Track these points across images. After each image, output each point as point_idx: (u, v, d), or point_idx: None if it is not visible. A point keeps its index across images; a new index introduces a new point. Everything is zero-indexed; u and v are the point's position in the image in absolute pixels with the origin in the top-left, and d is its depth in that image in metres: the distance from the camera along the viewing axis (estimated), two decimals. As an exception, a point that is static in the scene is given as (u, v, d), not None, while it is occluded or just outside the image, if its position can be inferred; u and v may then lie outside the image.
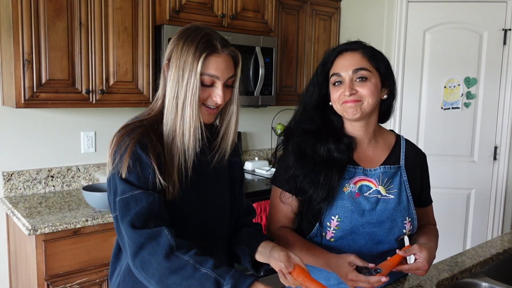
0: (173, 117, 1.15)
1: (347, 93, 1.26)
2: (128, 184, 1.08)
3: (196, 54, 1.13)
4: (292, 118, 1.41)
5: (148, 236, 1.03)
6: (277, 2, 2.87)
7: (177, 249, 1.02)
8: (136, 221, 1.04)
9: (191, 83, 1.12)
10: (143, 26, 2.35)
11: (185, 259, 1.00)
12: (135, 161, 1.09)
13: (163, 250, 1.01)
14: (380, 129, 1.43)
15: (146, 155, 1.09)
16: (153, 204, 1.07)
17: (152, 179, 1.09)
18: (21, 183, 2.40)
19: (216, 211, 1.28)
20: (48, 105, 2.14)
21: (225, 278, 0.98)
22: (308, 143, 1.32)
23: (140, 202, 1.06)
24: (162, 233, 1.03)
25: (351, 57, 1.29)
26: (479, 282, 1.49)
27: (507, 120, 3.58)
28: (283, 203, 1.38)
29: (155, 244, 1.02)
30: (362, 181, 1.34)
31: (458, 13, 3.55)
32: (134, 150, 1.09)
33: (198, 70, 1.12)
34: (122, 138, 1.12)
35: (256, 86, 2.76)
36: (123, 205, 1.07)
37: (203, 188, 1.23)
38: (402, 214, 1.34)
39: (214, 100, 1.17)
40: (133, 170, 1.09)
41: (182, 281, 0.99)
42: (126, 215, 1.06)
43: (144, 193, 1.07)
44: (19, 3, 1.99)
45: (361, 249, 1.33)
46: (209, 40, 1.15)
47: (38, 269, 1.93)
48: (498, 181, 3.65)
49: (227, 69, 1.17)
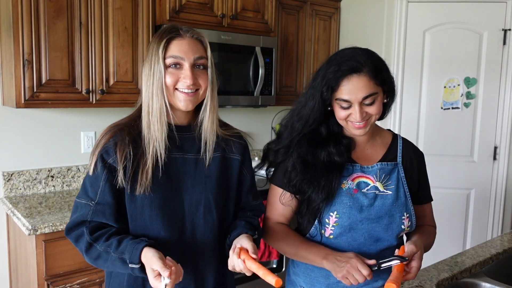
0: (146, 107, 1.21)
1: (358, 118, 1.25)
2: (83, 188, 1.25)
3: (158, 42, 1.19)
4: (285, 124, 1.39)
5: (75, 237, 1.23)
6: (277, 2, 2.87)
7: (94, 242, 1.19)
8: (71, 226, 1.24)
9: (155, 69, 1.19)
10: (143, 26, 2.35)
11: (97, 250, 1.18)
12: (94, 166, 1.22)
13: (83, 247, 1.20)
14: (377, 128, 1.45)
15: (103, 164, 1.21)
16: (86, 215, 1.21)
17: (103, 188, 1.21)
18: (21, 183, 2.40)
19: (195, 213, 1.26)
20: (48, 105, 2.14)
21: (125, 254, 1.13)
22: (309, 150, 1.32)
23: (80, 210, 1.23)
24: (83, 233, 1.21)
25: (358, 81, 1.23)
26: (479, 282, 1.49)
27: (507, 120, 3.58)
28: (283, 205, 1.39)
29: (80, 242, 1.21)
30: (360, 178, 1.35)
31: (458, 13, 3.55)
32: (97, 156, 1.22)
33: (161, 54, 1.18)
34: (97, 144, 1.25)
35: (256, 86, 2.76)
36: (73, 207, 1.26)
37: (178, 184, 1.25)
38: (400, 209, 1.35)
39: (184, 81, 1.20)
40: (92, 175, 1.23)
41: (103, 264, 1.19)
42: (71, 217, 1.26)
43: (86, 205, 1.22)
44: (19, 3, 1.99)
45: (360, 247, 1.34)
46: (171, 28, 1.22)
47: (38, 269, 1.93)
48: (498, 181, 3.65)
49: (192, 50, 1.20)
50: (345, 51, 1.29)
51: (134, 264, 1.11)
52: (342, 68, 1.24)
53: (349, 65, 1.24)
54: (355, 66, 1.23)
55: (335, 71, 1.25)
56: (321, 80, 1.28)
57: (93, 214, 1.21)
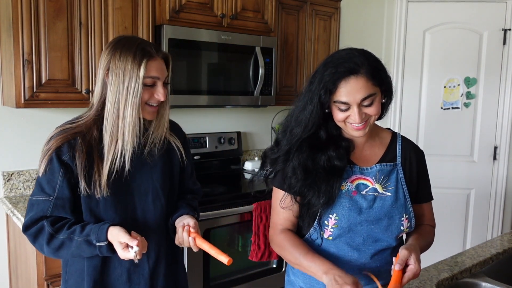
0: (114, 119, 1.30)
1: (358, 120, 1.25)
2: (38, 187, 1.31)
3: (135, 61, 1.28)
4: (284, 129, 1.38)
5: (34, 234, 1.29)
6: (277, 2, 2.87)
7: (56, 233, 1.27)
8: (29, 223, 1.30)
9: (132, 87, 1.28)
10: (143, 26, 2.35)
11: (60, 238, 1.27)
12: (48, 165, 1.30)
13: (46, 239, 1.27)
14: (376, 128, 1.44)
15: (59, 162, 1.29)
16: (46, 210, 1.29)
17: (61, 184, 1.29)
18: (21, 183, 2.40)
19: (145, 200, 1.40)
20: (48, 105, 2.14)
21: (91, 236, 1.24)
22: (309, 155, 1.31)
23: (37, 207, 1.29)
24: (43, 226, 1.28)
25: (355, 83, 1.22)
26: (479, 282, 1.49)
27: (507, 120, 3.58)
28: (283, 209, 1.38)
29: (40, 236, 1.28)
30: (359, 180, 1.35)
31: (458, 13, 3.55)
32: (51, 155, 1.29)
33: (141, 75, 1.28)
34: (48, 140, 1.33)
35: (256, 86, 2.76)
36: (29, 205, 1.32)
37: (132, 181, 1.38)
38: (399, 211, 1.34)
39: (156, 98, 1.34)
40: (45, 174, 1.30)
41: (67, 252, 1.28)
42: (26, 215, 1.31)
43: (44, 201, 1.29)
44: (19, 3, 1.99)
45: (359, 247, 1.34)
46: (144, 48, 1.31)
47: (38, 269, 1.93)
48: (498, 181, 3.65)
49: (163, 70, 1.35)
50: (341, 53, 1.28)
51: (102, 242, 1.23)
52: (339, 70, 1.23)
53: (346, 67, 1.23)
54: (352, 68, 1.22)
55: (332, 74, 1.24)
56: (318, 83, 1.26)
57: (54, 208, 1.29)
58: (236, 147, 3.14)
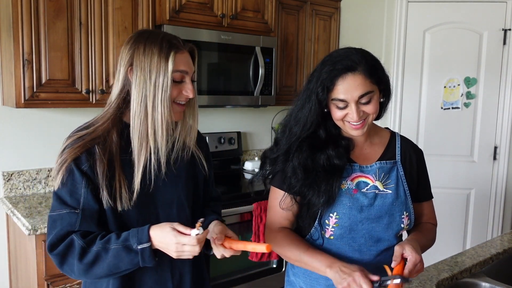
0: (142, 119, 1.17)
1: (356, 118, 1.25)
2: (59, 201, 1.16)
3: (162, 54, 1.16)
4: (283, 129, 1.38)
5: (64, 250, 1.13)
6: (277, 2, 2.87)
7: (88, 246, 1.12)
8: (55, 240, 1.13)
9: (160, 82, 1.15)
10: (143, 26, 2.35)
11: (94, 250, 1.12)
12: (68, 176, 1.15)
13: (77, 254, 1.11)
14: (375, 127, 1.44)
15: (80, 172, 1.14)
16: (75, 224, 1.14)
17: (86, 195, 1.15)
18: (21, 183, 2.40)
19: (169, 213, 1.27)
20: (48, 105, 2.14)
21: (130, 240, 1.11)
22: (309, 155, 1.31)
23: (62, 222, 1.14)
24: (73, 241, 1.13)
25: (353, 80, 1.23)
26: (479, 282, 1.49)
27: (507, 120, 3.58)
28: (283, 210, 1.37)
29: (70, 253, 1.13)
30: (359, 178, 1.35)
31: (458, 13, 3.55)
32: (69, 166, 1.14)
33: (170, 68, 1.15)
34: (63, 150, 1.17)
35: (256, 86, 2.76)
36: (50, 222, 1.16)
37: (156, 190, 1.24)
38: (400, 208, 1.34)
39: (185, 94, 1.21)
40: (66, 186, 1.15)
41: (103, 266, 1.12)
42: (49, 233, 1.15)
43: (69, 213, 1.14)
44: (19, 3, 2.00)
45: (360, 248, 1.33)
46: (169, 40, 1.19)
47: (38, 269, 1.93)
48: (498, 181, 3.65)
49: (191, 64, 1.22)
50: (339, 51, 1.29)
51: (145, 244, 1.10)
52: (337, 68, 1.23)
53: (343, 64, 1.23)
54: (349, 65, 1.23)
55: (330, 71, 1.24)
56: (316, 81, 1.27)
57: (82, 221, 1.14)
58: (236, 147, 3.14)
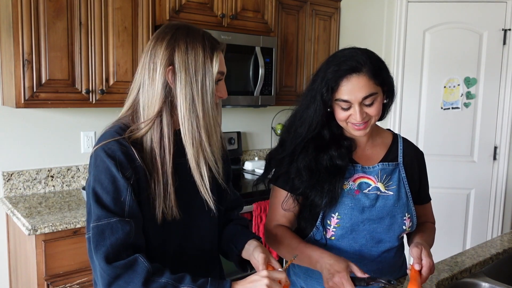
0: (194, 126, 1.07)
1: (358, 119, 1.25)
2: (104, 209, 1.01)
3: (206, 54, 1.08)
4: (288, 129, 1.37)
5: (123, 267, 0.98)
6: (277, 2, 2.87)
7: (153, 273, 0.98)
8: (111, 253, 0.98)
9: (206, 84, 1.07)
10: (143, 26, 2.35)
11: (163, 281, 0.97)
12: (109, 182, 1.03)
13: (141, 278, 0.97)
14: (377, 128, 1.44)
15: (124, 179, 1.03)
16: (130, 234, 1.01)
17: (132, 203, 1.03)
18: (21, 183, 2.40)
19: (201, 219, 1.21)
20: (48, 105, 2.14)
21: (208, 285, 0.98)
22: (312, 156, 1.31)
23: (116, 232, 1.00)
24: (138, 261, 0.99)
25: (357, 81, 1.22)
26: (479, 282, 1.49)
27: (507, 120, 3.58)
28: (284, 211, 1.37)
29: (131, 273, 0.98)
30: (361, 179, 1.35)
31: (458, 13, 3.55)
32: (109, 171, 1.03)
33: (215, 70, 1.09)
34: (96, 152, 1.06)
35: (256, 86, 2.76)
36: (98, 232, 1.00)
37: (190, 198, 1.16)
38: (401, 210, 1.35)
39: (219, 96, 1.15)
40: (108, 193, 1.02)
41: None
42: (100, 245, 0.99)
43: (120, 222, 1.00)
44: (19, 3, 1.99)
45: (362, 249, 1.33)
46: (209, 37, 1.12)
47: (38, 269, 1.93)
48: (498, 181, 3.65)
49: (224, 64, 1.16)
50: (344, 52, 1.28)
51: None
52: (342, 68, 1.23)
53: (348, 65, 1.23)
54: (354, 66, 1.22)
55: (335, 71, 1.24)
56: (320, 81, 1.26)
57: (136, 231, 1.02)
58: (236, 147, 3.14)
